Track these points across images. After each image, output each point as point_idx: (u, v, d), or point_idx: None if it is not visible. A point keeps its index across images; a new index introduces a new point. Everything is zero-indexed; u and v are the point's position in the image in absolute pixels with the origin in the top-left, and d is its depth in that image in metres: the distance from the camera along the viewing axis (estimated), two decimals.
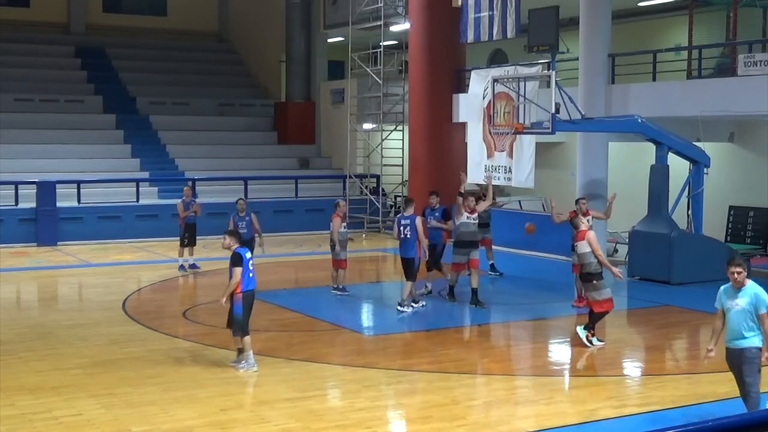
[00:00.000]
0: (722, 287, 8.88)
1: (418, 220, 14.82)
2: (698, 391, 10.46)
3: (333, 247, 16.10)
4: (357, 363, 11.70)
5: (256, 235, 16.97)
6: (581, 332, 12.40)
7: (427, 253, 15.15)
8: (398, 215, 15.19)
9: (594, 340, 12.36)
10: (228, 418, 9.41)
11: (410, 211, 14.82)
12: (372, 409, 9.80)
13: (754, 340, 8.61)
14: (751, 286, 8.71)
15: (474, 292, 15.06)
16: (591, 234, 12.65)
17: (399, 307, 14.77)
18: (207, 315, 14.38)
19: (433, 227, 16.03)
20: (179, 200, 19.32)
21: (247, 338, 11.13)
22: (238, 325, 11.12)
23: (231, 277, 11.09)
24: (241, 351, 11.17)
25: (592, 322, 12.41)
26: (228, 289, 11.12)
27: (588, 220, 14.71)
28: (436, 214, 16.14)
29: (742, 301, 8.65)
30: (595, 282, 12.32)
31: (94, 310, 15.37)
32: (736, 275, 8.70)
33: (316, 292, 16.70)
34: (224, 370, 11.20)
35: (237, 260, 11.03)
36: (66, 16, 32.96)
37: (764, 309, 8.52)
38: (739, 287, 8.75)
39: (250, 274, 11.16)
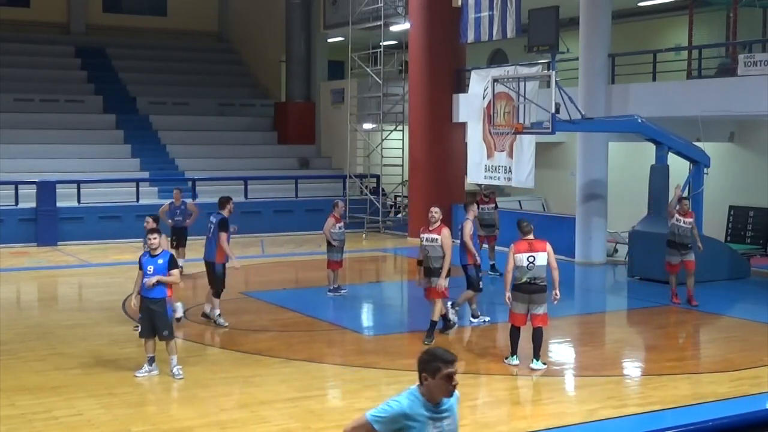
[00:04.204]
0: (409, 394, 5.17)
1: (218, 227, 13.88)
2: (698, 391, 10.47)
3: (329, 248, 16.14)
4: (357, 363, 11.71)
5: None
6: (538, 365, 11.31)
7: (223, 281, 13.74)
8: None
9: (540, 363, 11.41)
10: (228, 418, 9.41)
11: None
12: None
13: None
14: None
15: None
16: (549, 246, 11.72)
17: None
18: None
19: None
20: (167, 202, 18.89)
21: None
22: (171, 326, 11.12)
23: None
24: (153, 360, 10.89)
25: (540, 344, 11.33)
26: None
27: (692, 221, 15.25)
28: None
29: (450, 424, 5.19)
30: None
31: (94, 310, 15.35)
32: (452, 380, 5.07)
33: (316, 292, 16.68)
34: (224, 370, 11.20)
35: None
36: (66, 16, 32.94)
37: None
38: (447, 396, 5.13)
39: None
